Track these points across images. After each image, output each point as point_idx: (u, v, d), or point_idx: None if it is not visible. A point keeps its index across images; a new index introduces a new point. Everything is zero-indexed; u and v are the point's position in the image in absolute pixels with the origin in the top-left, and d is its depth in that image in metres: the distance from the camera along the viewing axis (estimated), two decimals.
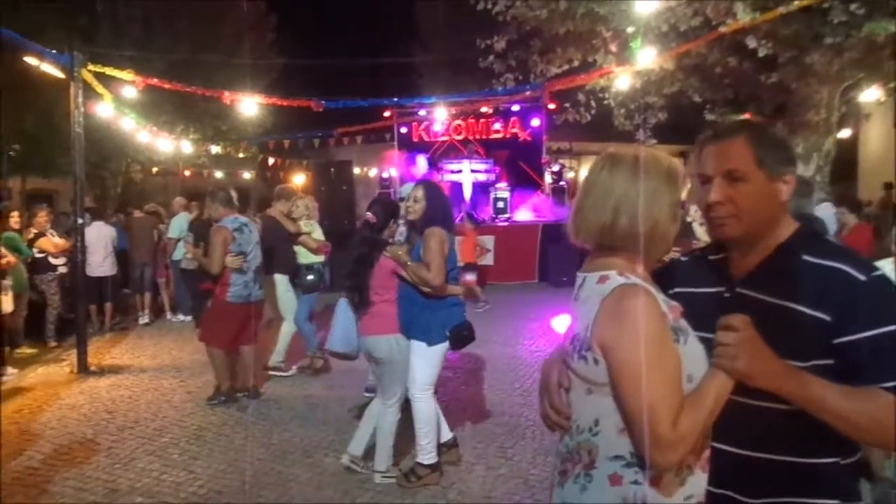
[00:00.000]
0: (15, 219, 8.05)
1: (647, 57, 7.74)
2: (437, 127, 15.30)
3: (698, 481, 1.36)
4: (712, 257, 1.56)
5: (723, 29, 7.25)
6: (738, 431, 1.37)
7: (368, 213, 4.20)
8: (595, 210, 1.40)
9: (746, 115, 10.83)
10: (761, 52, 7.86)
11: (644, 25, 7.84)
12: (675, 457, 1.28)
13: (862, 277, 1.33)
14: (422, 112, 14.53)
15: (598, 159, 1.50)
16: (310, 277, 6.57)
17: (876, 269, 1.35)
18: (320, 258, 6.77)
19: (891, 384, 1.27)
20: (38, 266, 8.07)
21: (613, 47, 9.02)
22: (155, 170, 17.13)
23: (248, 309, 5.76)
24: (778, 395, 1.31)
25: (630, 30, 8.12)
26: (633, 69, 8.46)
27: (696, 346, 1.37)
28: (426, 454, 4.03)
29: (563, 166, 15.53)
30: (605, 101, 10.17)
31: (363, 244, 4.16)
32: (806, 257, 1.39)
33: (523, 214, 14.03)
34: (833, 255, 1.38)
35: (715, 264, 1.54)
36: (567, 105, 10.66)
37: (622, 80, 8.78)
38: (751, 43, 7.78)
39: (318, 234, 6.80)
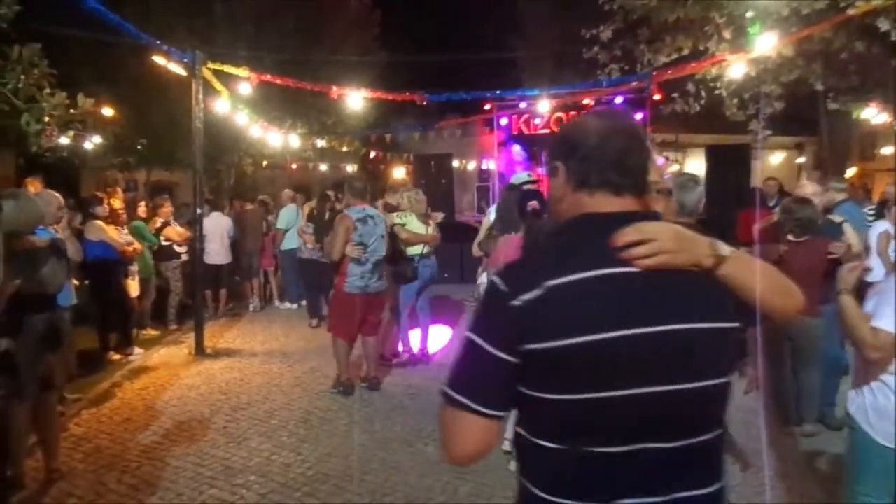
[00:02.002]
0: (142, 209, 8.64)
1: (767, 43, 7.29)
2: (538, 120, 15.14)
3: None
4: None
5: (851, 11, 6.74)
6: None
7: (532, 202, 4.18)
8: None
9: (872, 105, 10.09)
10: (894, 36, 7.26)
11: (763, 10, 7.41)
12: None
13: None
14: (522, 104, 14.41)
15: None
16: (400, 268, 6.66)
17: None
18: (418, 249, 6.84)
19: None
20: (163, 253, 8.59)
21: (727, 34, 8.57)
22: (265, 163, 17.86)
23: (366, 300, 5.83)
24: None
25: (749, 14, 7.69)
26: (749, 56, 8.02)
27: None
28: None
29: (667, 159, 14.99)
30: (717, 91, 9.70)
31: (532, 232, 4.15)
32: None
33: None
34: None
35: None
36: (675, 95, 10.26)
37: (736, 69, 8.33)
38: (882, 26, 7.20)
39: (415, 226, 6.86)
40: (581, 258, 1.26)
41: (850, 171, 14.09)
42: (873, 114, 10.24)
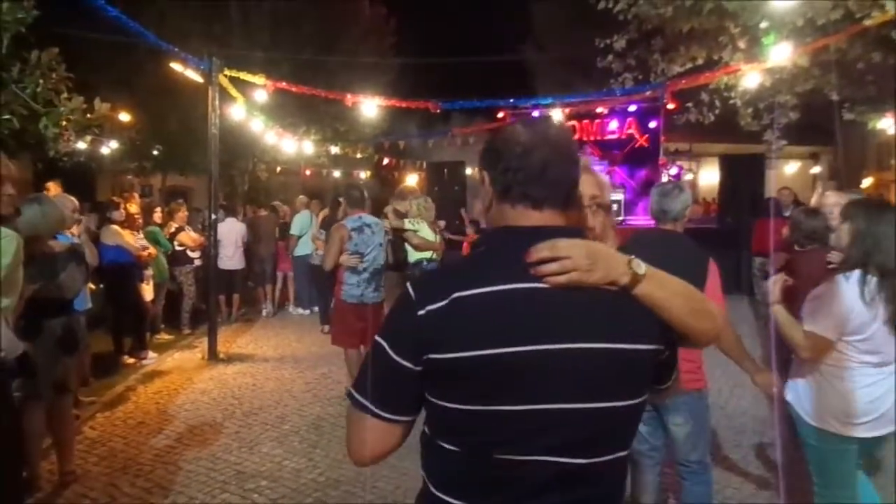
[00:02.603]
0: (158, 214, 8.71)
1: (783, 53, 7.25)
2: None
3: None
4: None
5: (868, 22, 6.70)
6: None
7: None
8: None
9: (888, 115, 10.02)
10: None
11: (778, 20, 7.38)
12: None
13: None
14: (535, 113, 14.43)
15: None
16: (414, 274, 6.66)
17: None
18: (426, 255, 6.85)
19: None
20: (176, 258, 8.65)
21: (742, 44, 8.54)
22: (278, 169, 17.97)
23: (363, 309, 5.76)
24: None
25: (763, 25, 7.66)
26: (763, 66, 7.98)
27: None
28: None
29: (681, 168, 14.96)
30: (731, 101, 9.67)
31: None
32: None
33: (638, 217, 13.63)
34: None
35: None
36: (689, 105, 10.23)
37: (751, 78, 8.30)
38: None
39: (426, 232, 6.87)
40: (494, 271, 1.25)
41: (866, 182, 13.97)
42: (889, 124, 10.16)
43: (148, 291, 7.60)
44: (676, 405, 3.06)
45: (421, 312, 1.23)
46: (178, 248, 8.68)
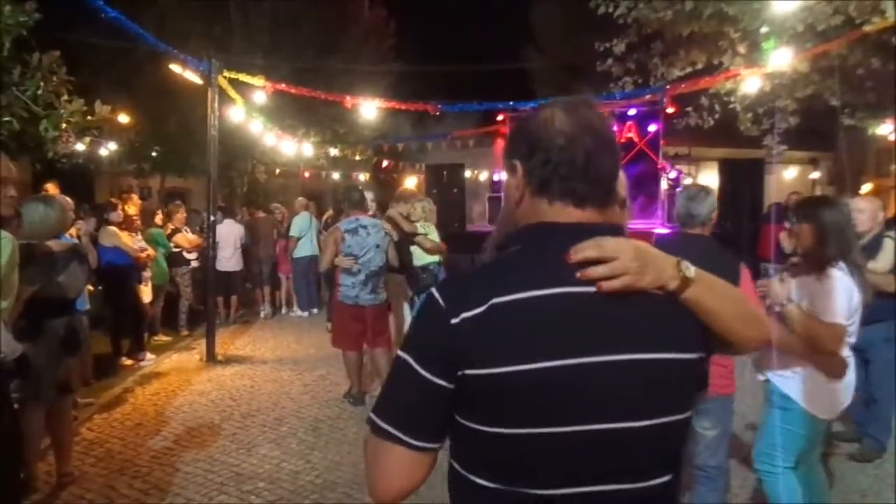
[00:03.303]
0: (158, 216, 8.70)
1: (782, 58, 7.27)
2: None
3: None
4: None
5: (868, 27, 6.73)
6: None
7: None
8: None
9: (888, 121, 10.04)
10: None
11: (778, 25, 7.40)
12: None
13: None
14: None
15: None
16: (423, 277, 6.68)
17: None
18: (435, 258, 6.86)
19: None
20: (173, 259, 8.64)
21: (741, 48, 8.57)
22: (277, 171, 17.98)
23: (360, 311, 5.75)
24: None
25: (763, 30, 7.68)
26: (763, 71, 8.01)
27: None
28: None
29: (680, 172, 14.95)
30: (731, 105, 9.68)
31: None
32: None
33: (637, 221, 13.62)
34: None
35: None
36: (689, 109, 10.25)
37: (750, 83, 8.32)
38: None
39: (434, 235, 6.89)
40: (532, 274, 1.12)
41: (866, 188, 13.99)
42: (888, 130, 10.19)
43: (146, 293, 7.58)
44: (706, 409, 3.06)
45: (455, 321, 1.08)
46: (174, 249, 8.67)
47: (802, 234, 3.00)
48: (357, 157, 16.83)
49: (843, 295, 2.85)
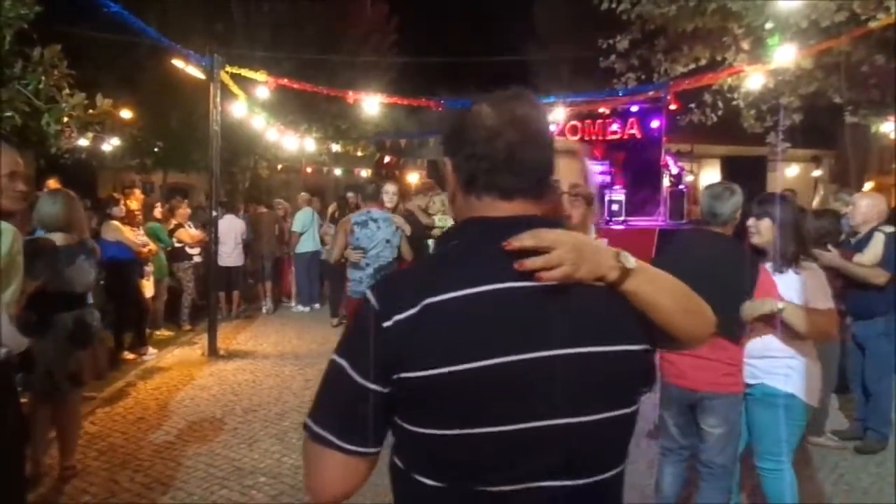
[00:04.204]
0: (158, 210, 8.71)
1: (787, 55, 7.24)
2: (553, 127, 15.09)
3: None
4: None
5: (872, 24, 6.70)
6: None
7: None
8: None
9: (891, 119, 10.01)
10: None
11: (782, 22, 7.37)
12: None
13: None
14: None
15: None
16: None
17: None
18: None
19: None
20: (176, 255, 8.66)
21: (745, 45, 8.55)
22: (280, 166, 17.96)
23: None
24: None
25: (767, 26, 7.65)
26: (767, 68, 7.98)
27: None
28: None
29: (682, 169, 14.92)
30: (734, 102, 9.66)
31: None
32: None
33: (639, 218, 13.61)
34: None
35: None
36: (692, 106, 10.23)
37: (754, 80, 8.29)
38: None
39: None
40: (467, 270, 1.09)
41: (868, 185, 13.97)
42: (892, 128, 10.16)
43: (148, 287, 7.59)
44: (713, 406, 3.05)
45: (387, 324, 1.06)
46: (177, 244, 8.68)
47: (761, 229, 3.16)
48: (359, 153, 16.80)
49: (823, 279, 3.09)
